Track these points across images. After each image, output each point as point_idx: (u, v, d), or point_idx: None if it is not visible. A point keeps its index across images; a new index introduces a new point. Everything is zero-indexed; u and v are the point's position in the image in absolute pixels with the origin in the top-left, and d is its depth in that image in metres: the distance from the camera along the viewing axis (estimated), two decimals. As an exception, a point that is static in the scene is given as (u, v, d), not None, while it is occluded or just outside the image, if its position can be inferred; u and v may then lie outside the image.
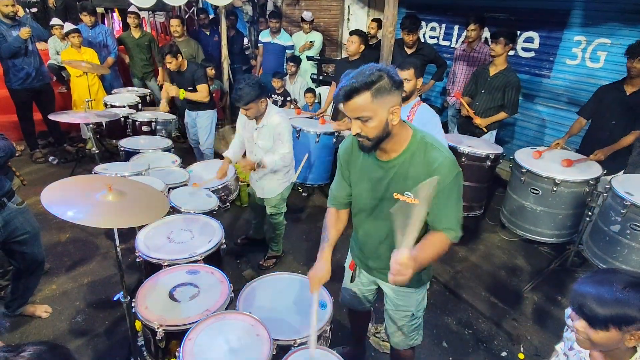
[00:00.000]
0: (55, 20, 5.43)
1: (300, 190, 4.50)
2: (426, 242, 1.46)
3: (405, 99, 2.66)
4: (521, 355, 2.55)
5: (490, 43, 3.70)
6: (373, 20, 5.11)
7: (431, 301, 2.94)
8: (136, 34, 5.50)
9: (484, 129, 3.79)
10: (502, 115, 3.70)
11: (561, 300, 3.03)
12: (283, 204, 3.10)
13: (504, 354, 2.58)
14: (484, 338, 2.69)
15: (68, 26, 5.03)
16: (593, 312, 1.03)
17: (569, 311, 1.18)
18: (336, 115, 4.37)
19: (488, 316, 2.86)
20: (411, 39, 4.10)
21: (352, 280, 1.93)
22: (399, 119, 1.38)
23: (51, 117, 3.15)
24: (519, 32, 4.42)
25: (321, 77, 5.95)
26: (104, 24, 6.94)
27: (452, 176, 1.42)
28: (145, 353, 1.89)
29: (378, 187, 1.53)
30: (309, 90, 5.10)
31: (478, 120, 3.76)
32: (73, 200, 1.60)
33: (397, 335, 1.88)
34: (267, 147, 2.81)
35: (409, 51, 4.22)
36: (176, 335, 1.71)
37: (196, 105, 4.13)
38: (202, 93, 3.99)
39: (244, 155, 3.02)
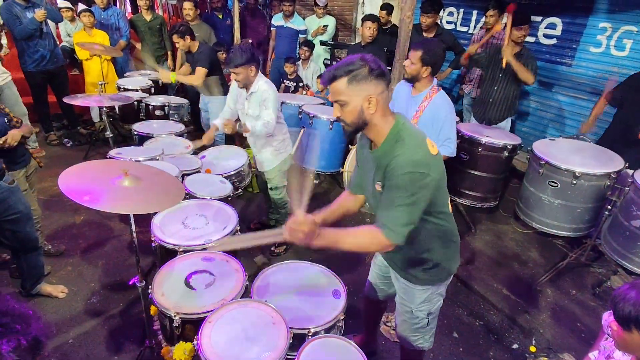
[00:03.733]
0: (62, 3, 5.37)
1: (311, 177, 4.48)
2: (355, 229, 1.49)
3: (410, 82, 2.61)
4: (533, 349, 2.54)
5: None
6: (382, 8, 4.95)
7: (443, 292, 2.92)
8: (147, 16, 5.40)
9: (511, 59, 3.40)
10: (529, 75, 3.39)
11: (575, 294, 2.99)
12: (283, 177, 3.12)
13: (515, 346, 2.57)
14: (495, 330, 2.68)
15: (81, 7, 5.00)
16: (619, 309, 1.05)
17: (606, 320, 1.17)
18: None
19: (500, 308, 2.85)
20: (425, 21, 3.97)
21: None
22: (375, 109, 1.39)
23: (66, 100, 3.16)
24: (540, 18, 4.27)
25: (334, 63, 5.84)
26: (116, 5, 6.88)
27: (399, 173, 1.35)
28: (160, 337, 1.92)
29: (369, 177, 1.58)
30: (322, 75, 5.01)
31: (507, 51, 3.37)
32: (89, 185, 1.60)
33: (401, 329, 1.91)
34: (256, 114, 2.87)
35: (427, 36, 4.11)
36: (192, 322, 1.72)
37: (209, 91, 4.09)
38: (195, 76, 3.87)
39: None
